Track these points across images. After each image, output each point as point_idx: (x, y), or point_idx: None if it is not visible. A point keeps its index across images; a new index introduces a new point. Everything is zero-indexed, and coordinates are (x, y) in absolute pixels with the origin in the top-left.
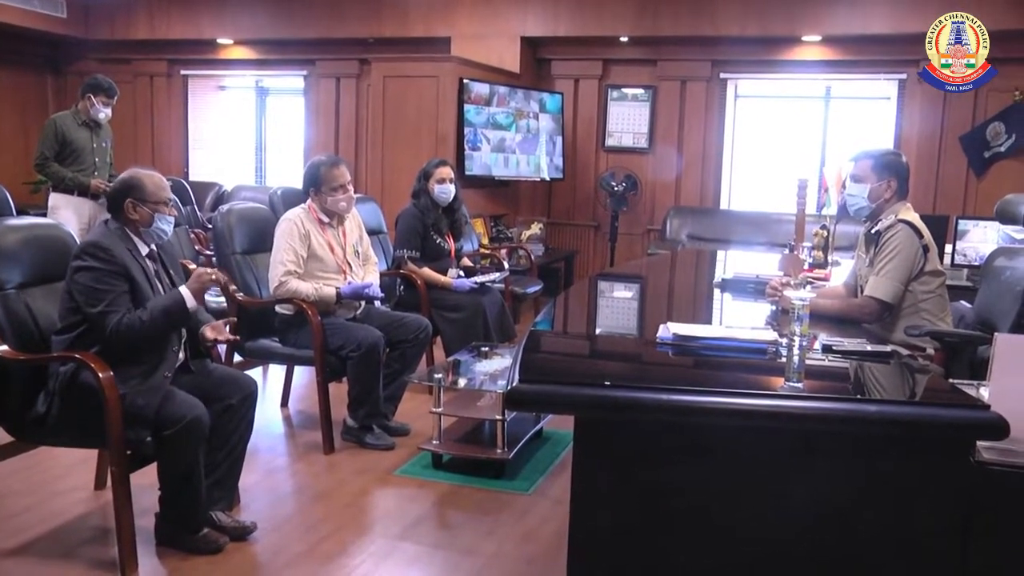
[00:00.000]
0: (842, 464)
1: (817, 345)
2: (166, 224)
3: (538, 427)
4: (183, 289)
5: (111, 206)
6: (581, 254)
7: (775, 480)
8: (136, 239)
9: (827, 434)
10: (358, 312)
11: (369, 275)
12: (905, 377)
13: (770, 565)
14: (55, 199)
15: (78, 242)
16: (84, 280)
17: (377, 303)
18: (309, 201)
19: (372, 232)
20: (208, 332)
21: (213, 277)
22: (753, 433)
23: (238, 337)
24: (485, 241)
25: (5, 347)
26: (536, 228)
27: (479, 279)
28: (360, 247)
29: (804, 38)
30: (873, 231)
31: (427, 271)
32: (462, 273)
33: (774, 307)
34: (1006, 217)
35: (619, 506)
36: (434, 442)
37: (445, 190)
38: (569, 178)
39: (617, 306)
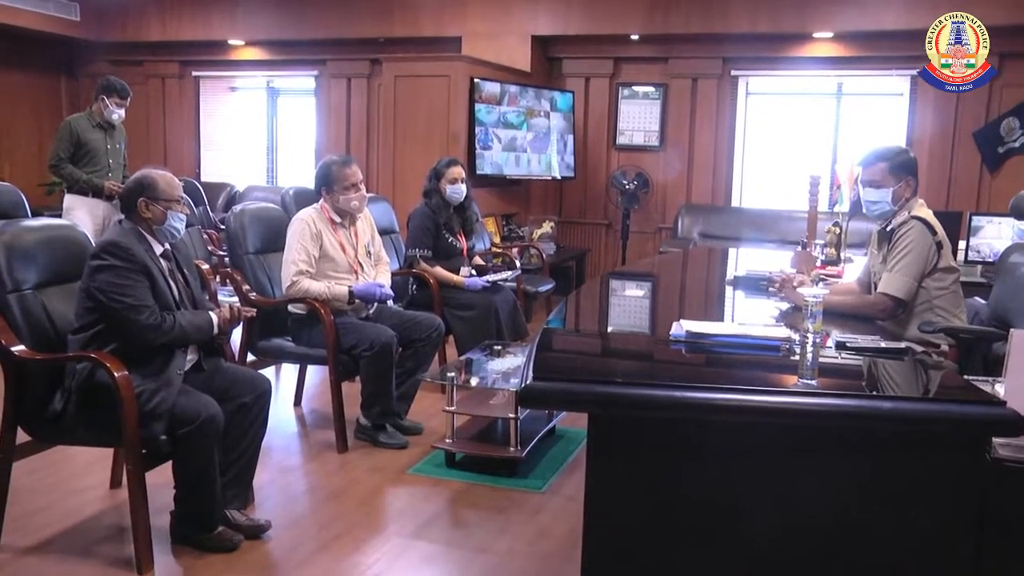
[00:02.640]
0: (856, 462)
1: (830, 342)
2: (179, 222)
3: (551, 425)
4: (213, 316)
5: (124, 205)
6: (593, 253)
7: (789, 477)
8: (150, 238)
9: (841, 431)
10: (370, 311)
11: (381, 275)
12: (919, 374)
13: (784, 563)
14: (70, 200)
15: (93, 243)
16: (106, 278)
17: (389, 303)
18: (321, 201)
19: (384, 232)
20: (225, 311)
21: (240, 315)
22: (767, 430)
23: (254, 311)
24: (497, 240)
25: (22, 347)
26: (547, 227)
27: (491, 278)
28: (372, 247)
29: (815, 34)
30: (887, 228)
31: (439, 270)
32: (474, 272)
33: (785, 303)
34: (1021, 213)
35: (633, 503)
36: (447, 440)
37: (457, 190)
38: (580, 177)
39: (629, 304)
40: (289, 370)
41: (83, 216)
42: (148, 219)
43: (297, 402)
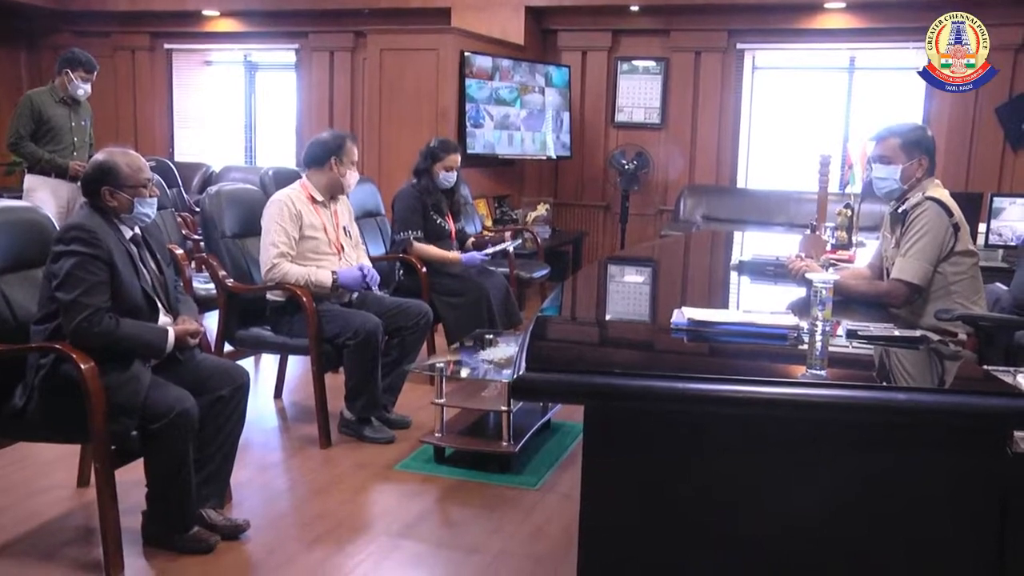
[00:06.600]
0: (867, 457)
1: (841, 330)
2: (148, 207)
3: (546, 418)
4: (171, 332)
5: (86, 191)
6: (590, 236)
7: (796, 473)
8: (118, 223)
9: (852, 424)
10: (354, 297)
11: (363, 258)
12: (936, 364)
13: (791, 562)
14: (31, 181)
15: (57, 226)
16: (65, 265)
17: (375, 288)
18: (303, 179)
19: (370, 214)
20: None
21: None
22: (773, 423)
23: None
24: (488, 223)
25: None
26: (542, 209)
27: (491, 250)
28: (351, 230)
29: (827, 5)
30: (900, 210)
31: (433, 249)
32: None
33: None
34: None
35: (632, 500)
36: (436, 435)
37: (450, 177)
38: (577, 156)
39: (628, 291)
40: (269, 361)
41: (45, 197)
42: (113, 207)
43: (277, 395)
